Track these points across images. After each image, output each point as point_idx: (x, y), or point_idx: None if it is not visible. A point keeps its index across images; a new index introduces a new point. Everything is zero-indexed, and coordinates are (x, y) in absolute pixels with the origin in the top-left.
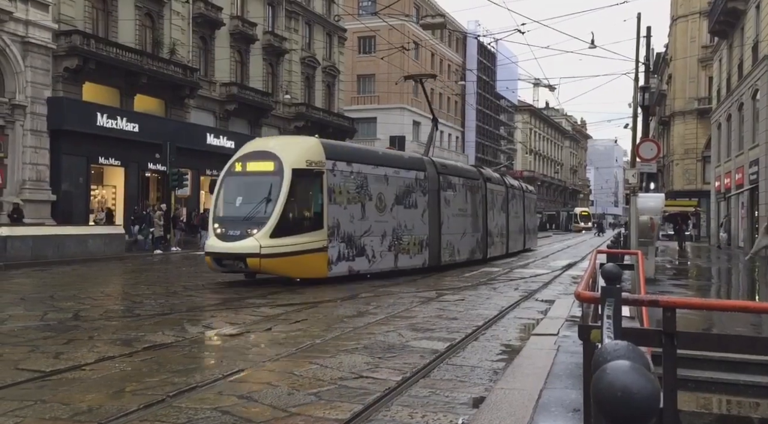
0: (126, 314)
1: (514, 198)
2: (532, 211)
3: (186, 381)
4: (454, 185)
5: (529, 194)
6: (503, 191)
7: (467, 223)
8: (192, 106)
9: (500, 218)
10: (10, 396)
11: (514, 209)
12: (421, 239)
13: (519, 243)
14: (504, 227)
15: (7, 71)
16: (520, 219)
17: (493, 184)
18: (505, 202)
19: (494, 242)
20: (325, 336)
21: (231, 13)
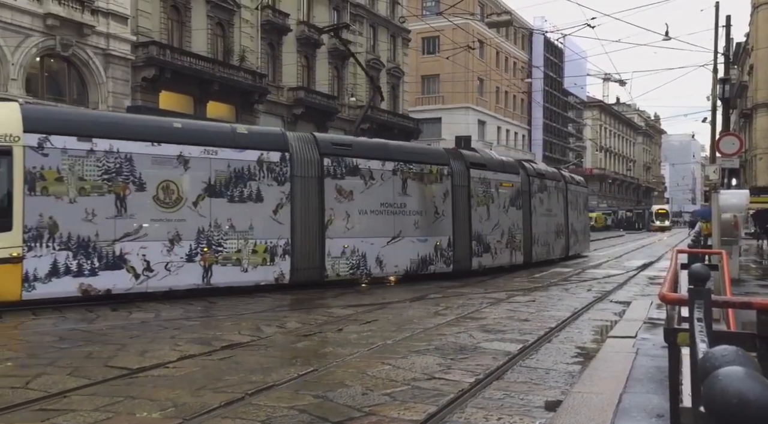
0: (203, 314)
1: (546, 191)
2: (580, 207)
3: (263, 380)
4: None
5: (575, 187)
6: (539, 184)
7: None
8: (261, 111)
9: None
10: (101, 392)
11: (545, 206)
12: (270, 243)
13: (557, 248)
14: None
15: (91, 82)
16: (557, 218)
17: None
18: (542, 198)
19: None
20: (396, 337)
21: (297, 19)
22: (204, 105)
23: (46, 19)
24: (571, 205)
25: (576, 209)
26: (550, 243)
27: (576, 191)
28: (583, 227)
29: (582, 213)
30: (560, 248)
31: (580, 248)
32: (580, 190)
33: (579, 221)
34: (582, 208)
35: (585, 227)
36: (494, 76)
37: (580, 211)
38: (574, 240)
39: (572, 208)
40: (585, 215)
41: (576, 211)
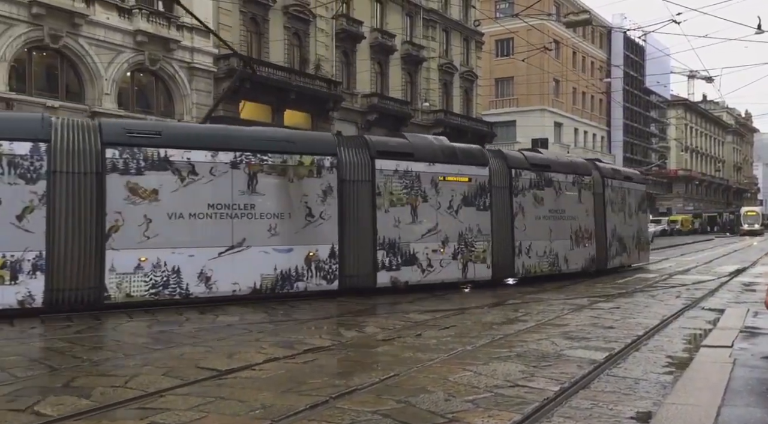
0: (285, 317)
1: (550, 186)
2: (629, 209)
3: (346, 384)
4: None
5: (619, 183)
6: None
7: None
8: (336, 118)
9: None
10: (194, 392)
11: (548, 206)
12: (10, 257)
13: (575, 260)
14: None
15: (176, 95)
16: (576, 222)
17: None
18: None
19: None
20: (476, 343)
21: (371, 26)
22: (281, 114)
23: (136, 36)
24: (611, 206)
25: (621, 211)
26: (560, 253)
27: (620, 188)
28: (636, 233)
29: (633, 215)
30: (582, 259)
31: (633, 258)
32: (630, 186)
33: (627, 225)
34: (634, 209)
35: (638, 232)
36: (571, 76)
37: (631, 213)
38: (618, 249)
39: (613, 208)
40: (639, 217)
41: (621, 212)
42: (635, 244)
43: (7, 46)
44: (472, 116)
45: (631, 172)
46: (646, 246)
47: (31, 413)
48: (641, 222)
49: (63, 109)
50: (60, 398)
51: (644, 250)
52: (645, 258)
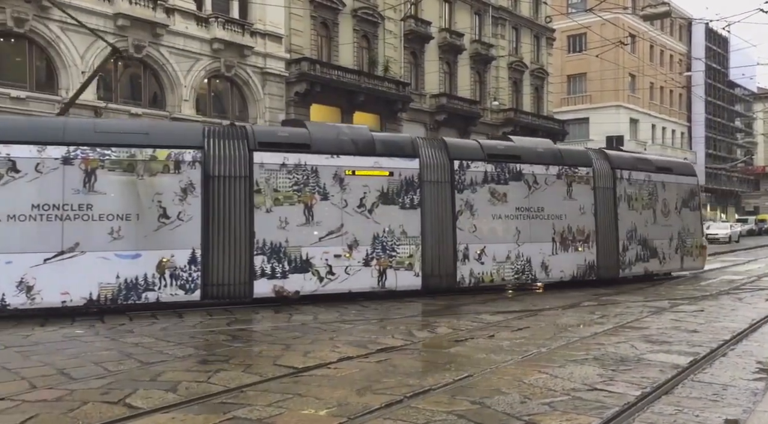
0: (357, 317)
1: (519, 180)
2: (669, 206)
3: (420, 384)
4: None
5: (660, 177)
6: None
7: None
8: (404, 119)
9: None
10: (272, 389)
11: (514, 203)
12: None
13: (568, 265)
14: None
15: (250, 99)
16: (582, 219)
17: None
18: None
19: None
20: (551, 345)
21: (439, 26)
22: (351, 115)
23: (213, 44)
24: (629, 202)
25: (647, 208)
26: (534, 259)
27: (647, 182)
28: (676, 235)
29: (672, 213)
30: (571, 265)
31: (669, 264)
32: (666, 179)
33: (659, 225)
34: (673, 206)
35: (680, 234)
36: (648, 71)
37: (666, 210)
38: (642, 254)
39: (632, 205)
40: (684, 216)
41: (647, 210)
42: (675, 247)
43: (95, 57)
44: (543, 114)
45: (672, 162)
46: (695, 250)
47: (123, 405)
48: (687, 221)
49: (146, 115)
50: (149, 392)
51: (691, 255)
52: (694, 264)
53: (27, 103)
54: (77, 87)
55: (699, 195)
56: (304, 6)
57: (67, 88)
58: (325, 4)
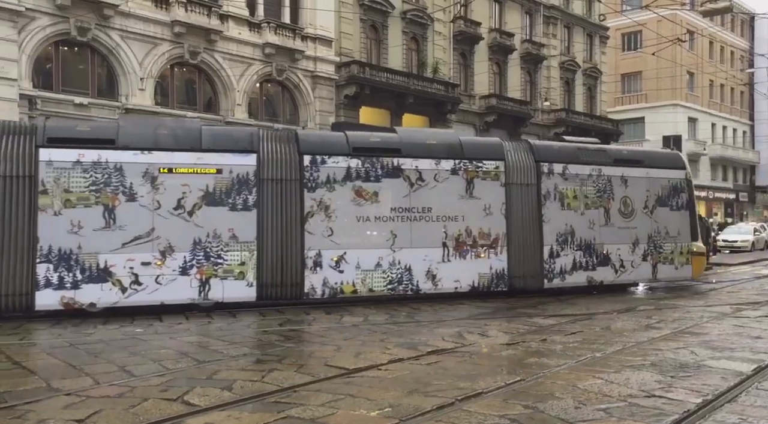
0: (408, 319)
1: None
2: (634, 204)
3: (471, 386)
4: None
5: (618, 170)
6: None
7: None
8: (453, 121)
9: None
10: (324, 389)
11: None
12: None
13: (465, 274)
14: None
15: (300, 103)
16: (487, 221)
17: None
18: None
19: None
20: (606, 350)
21: (489, 27)
22: (400, 118)
23: (265, 48)
24: (563, 201)
25: (597, 207)
26: (417, 267)
27: (596, 176)
28: (644, 238)
29: (638, 213)
30: (471, 275)
31: (635, 274)
32: (631, 173)
33: (614, 227)
34: (641, 204)
35: (654, 237)
36: (707, 68)
37: (629, 210)
38: (584, 261)
39: (567, 205)
40: (660, 216)
41: (595, 210)
42: (642, 254)
43: (153, 63)
44: (596, 114)
45: (646, 153)
46: (679, 257)
47: (181, 402)
48: (665, 223)
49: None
50: (205, 390)
51: (672, 262)
52: (676, 274)
53: (89, 109)
54: (136, 93)
55: (688, 191)
56: (354, 9)
57: (127, 95)
58: (375, 7)
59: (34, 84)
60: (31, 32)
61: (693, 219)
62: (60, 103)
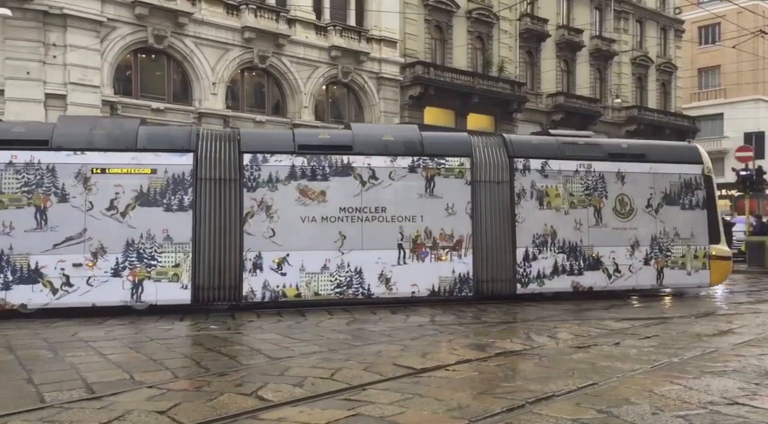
0: (474, 320)
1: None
2: (633, 203)
3: (541, 389)
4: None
5: (612, 165)
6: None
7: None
8: (519, 120)
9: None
10: (393, 388)
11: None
12: None
13: (424, 278)
14: None
15: (365, 104)
16: (450, 221)
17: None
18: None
19: None
20: (683, 355)
21: (557, 24)
22: (464, 117)
23: (331, 51)
24: (541, 200)
25: (585, 206)
26: (368, 270)
27: (585, 173)
28: (646, 241)
29: (639, 212)
30: (430, 278)
31: (633, 279)
32: (628, 169)
33: (606, 228)
34: (644, 202)
35: (654, 240)
36: None
37: (626, 209)
38: (568, 265)
39: (546, 204)
40: (667, 215)
41: (584, 209)
42: (645, 257)
43: (224, 68)
44: (670, 111)
45: (651, 145)
46: (694, 262)
47: (255, 397)
48: (675, 223)
49: (269, 123)
50: (278, 386)
51: (683, 267)
52: (688, 280)
53: (165, 114)
54: (208, 97)
55: (706, 188)
56: (419, 10)
57: (200, 99)
58: (440, 7)
59: (115, 90)
60: (113, 41)
61: (713, 219)
62: (139, 109)
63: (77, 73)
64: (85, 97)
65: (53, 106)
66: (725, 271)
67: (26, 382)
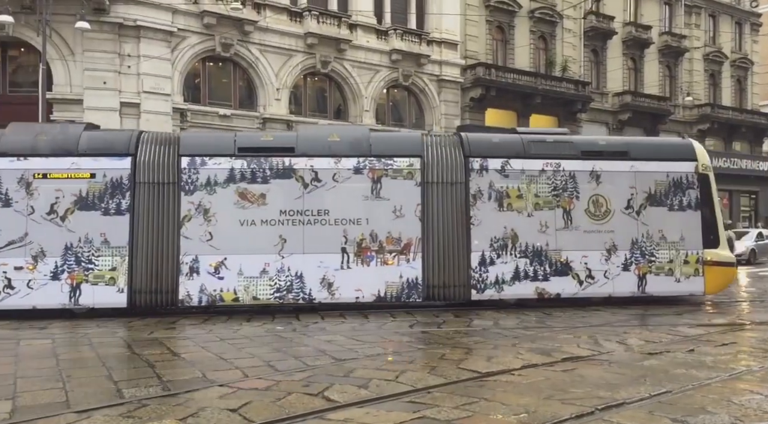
0: (539, 324)
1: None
2: (609, 204)
3: (611, 396)
4: None
5: (580, 164)
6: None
7: None
8: (584, 120)
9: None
10: (458, 391)
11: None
12: None
13: (370, 283)
14: None
15: (426, 107)
16: (397, 224)
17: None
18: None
19: None
20: (765, 363)
21: (623, 21)
22: (527, 119)
23: (392, 55)
24: (500, 201)
25: (552, 207)
26: (310, 275)
27: (552, 172)
28: (625, 245)
29: (620, 215)
30: (377, 283)
31: (616, 285)
32: (603, 167)
33: (577, 231)
34: (627, 203)
35: (635, 244)
36: None
37: (600, 211)
38: (532, 270)
39: (506, 205)
40: (651, 218)
41: (550, 211)
42: (623, 263)
43: (288, 74)
44: (746, 108)
45: (625, 142)
46: (683, 268)
47: (322, 397)
48: (661, 225)
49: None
50: (343, 387)
51: (671, 274)
52: (678, 288)
53: (231, 120)
54: (272, 103)
55: (701, 188)
56: (480, 12)
57: (264, 105)
58: (501, 8)
59: (185, 98)
60: (182, 50)
61: (709, 222)
62: (206, 115)
63: (150, 82)
64: (157, 105)
65: (128, 114)
66: (725, 278)
67: None
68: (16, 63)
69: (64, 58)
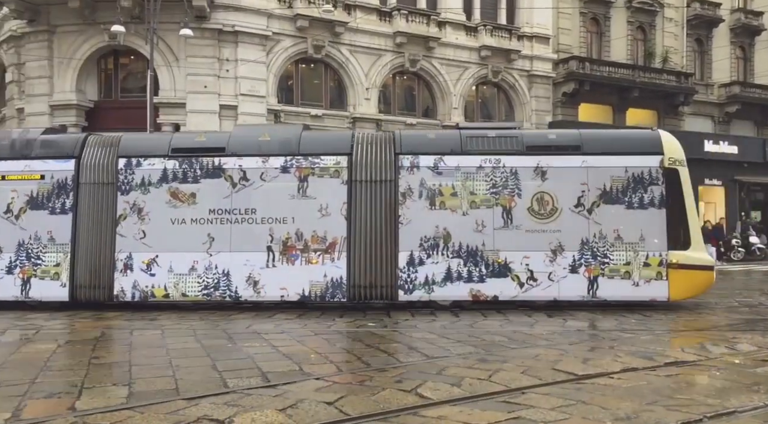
0: (639, 326)
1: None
2: (558, 202)
3: (721, 404)
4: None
5: (525, 160)
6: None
7: None
8: (687, 113)
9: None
10: (553, 393)
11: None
12: None
13: (293, 282)
14: None
15: (516, 103)
16: (322, 223)
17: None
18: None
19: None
20: None
21: (731, 7)
22: (623, 113)
23: (481, 51)
24: (433, 199)
25: (493, 205)
26: (237, 272)
27: (492, 168)
28: (574, 246)
29: (569, 214)
30: (300, 282)
31: (562, 289)
32: (555, 163)
33: (524, 231)
34: (578, 201)
35: (585, 245)
36: None
37: (558, 208)
38: (466, 271)
39: (439, 204)
40: (605, 217)
41: (490, 208)
42: (571, 264)
43: (377, 74)
44: None
45: (578, 134)
46: (643, 271)
47: (415, 394)
48: (617, 224)
49: (420, 125)
50: (436, 384)
51: (627, 277)
52: (637, 293)
53: (323, 120)
54: (362, 103)
55: (666, 183)
56: (573, 4)
57: (354, 105)
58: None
59: (279, 99)
60: (276, 53)
61: (677, 220)
62: (299, 116)
63: (246, 85)
64: (253, 107)
65: (226, 116)
66: (694, 283)
67: None
68: (126, 70)
69: (169, 64)
